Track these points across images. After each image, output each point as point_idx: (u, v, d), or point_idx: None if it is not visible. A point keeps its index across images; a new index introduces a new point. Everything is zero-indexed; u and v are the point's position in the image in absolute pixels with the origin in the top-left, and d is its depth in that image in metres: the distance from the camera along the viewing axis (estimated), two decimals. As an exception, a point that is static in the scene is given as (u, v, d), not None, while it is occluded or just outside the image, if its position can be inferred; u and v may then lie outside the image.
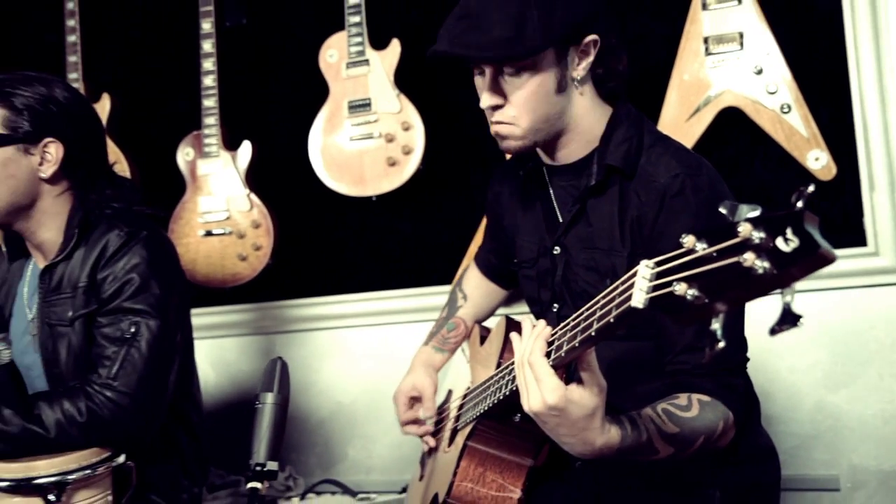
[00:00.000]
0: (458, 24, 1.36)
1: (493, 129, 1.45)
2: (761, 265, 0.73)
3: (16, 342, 1.89)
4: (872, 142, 2.14)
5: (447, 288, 2.34)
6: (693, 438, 1.27)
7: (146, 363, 1.72)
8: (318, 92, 2.59)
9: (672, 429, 1.25)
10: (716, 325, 0.83)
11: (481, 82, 1.42)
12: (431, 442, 1.75)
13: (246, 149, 2.68)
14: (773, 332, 0.76)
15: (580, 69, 1.40)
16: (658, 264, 0.90)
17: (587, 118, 1.45)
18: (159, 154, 2.78)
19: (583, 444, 1.18)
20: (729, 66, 2.16)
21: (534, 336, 1.16)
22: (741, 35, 2.13)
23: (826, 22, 2.19)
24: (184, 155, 2.72)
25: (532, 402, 1.15)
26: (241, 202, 2.66)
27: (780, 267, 0.72)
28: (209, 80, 2.67)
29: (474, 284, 1.90)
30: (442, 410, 1.80)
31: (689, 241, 0.82)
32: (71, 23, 2.88)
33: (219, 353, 2.78)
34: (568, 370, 1.20)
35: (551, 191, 1.54)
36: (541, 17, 1.33)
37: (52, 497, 1.58)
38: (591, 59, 1.40)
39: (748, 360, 1.39)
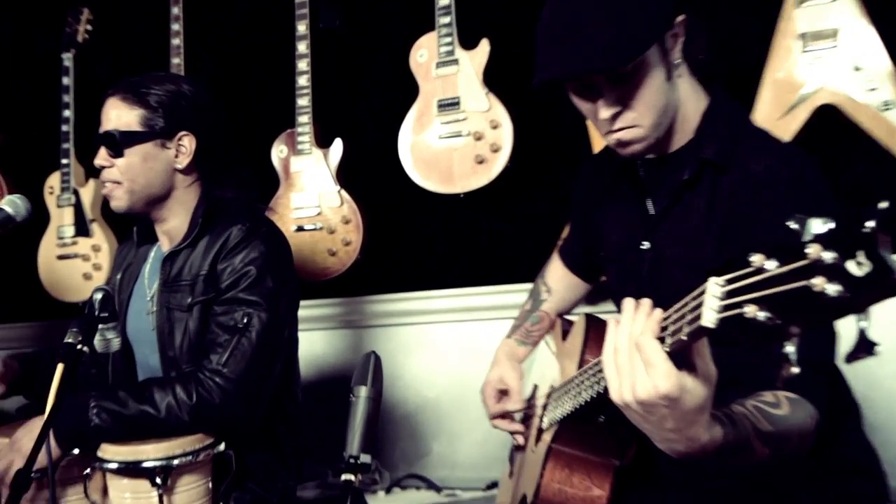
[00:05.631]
0: (560, 46, 1.32)
1: (615, 136, 1.39)
2: (833, 289, 0.68)
3: (134, 319, 1.97)
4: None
5: (533, 286, 2.39)
6: (788, 437, 1.17)
7: (255, 352, 1.76)
8: (408, 91, 2.62)
9: (767, 427, 1.14)
10: (790, 348, 0.77)
11: (581, 102, 1.39)
12: (520, 439, 1.73)
13: (337, 146, 2.74)
14: (850, 359, 0.71)
15: (676, 52, 1.37)
16: (728, 282, 0.83)
17: (688, 103, 1.42)
18: (255, 151, 2.84)
19: (687, 441, 1.04)
20: (824, 63, 2.11)
21: (644, 315, 1.02)
22: (837, 31, 2.09)
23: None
24: (278, 152, 2.80)
25: (639, 390, 0.99)
26: (331, 198, 2.71)
27: (853, 291, 0.67)
28: (303, 80, 2.74)
29: (557, 277, 1.88)
30: (528, 405, 1.79)
31: (757, 259, 0.76)
32: (175, 27, 2.99)
33: (307, 345, 2.73)
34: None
35: (643, 184, 1.50)
36: (639, 11, 1.29)
37: (158, 480, 1.61)
38: (682, 39, 1.37)
39: (834, 356, 1.25)
